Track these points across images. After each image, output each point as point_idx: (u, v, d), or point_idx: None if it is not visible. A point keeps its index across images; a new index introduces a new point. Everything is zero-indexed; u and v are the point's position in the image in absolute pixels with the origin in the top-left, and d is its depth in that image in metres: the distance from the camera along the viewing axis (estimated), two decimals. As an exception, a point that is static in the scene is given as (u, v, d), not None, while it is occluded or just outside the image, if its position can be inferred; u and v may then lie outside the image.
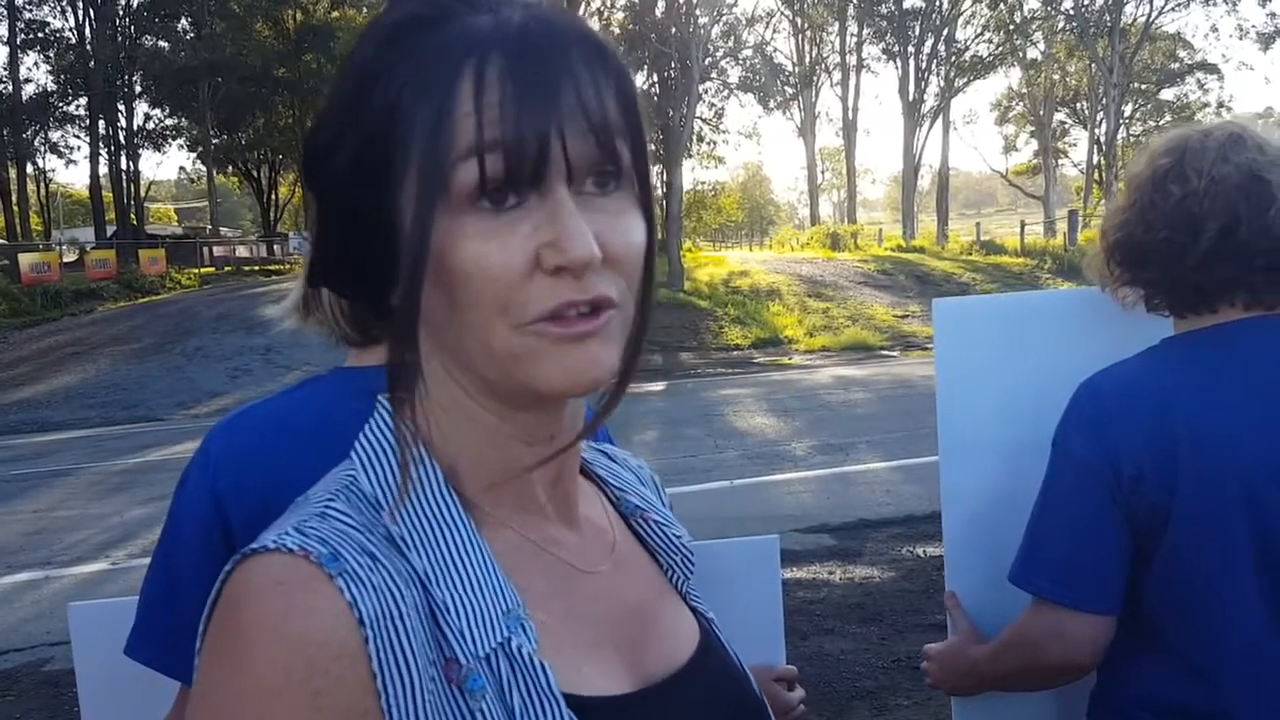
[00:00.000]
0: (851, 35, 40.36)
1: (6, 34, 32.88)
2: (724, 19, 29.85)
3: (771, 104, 37.20)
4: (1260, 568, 1.19)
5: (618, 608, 0.67)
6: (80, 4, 33.26)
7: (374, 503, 0.59)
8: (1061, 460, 1.27)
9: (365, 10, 33.43)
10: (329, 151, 0.59)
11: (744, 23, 33.73)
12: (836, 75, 41.39)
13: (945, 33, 37.62)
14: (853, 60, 40.61)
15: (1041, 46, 39.66)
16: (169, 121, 36.50)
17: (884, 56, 39.25)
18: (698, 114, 28.24)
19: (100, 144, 34.08)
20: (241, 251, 34.44)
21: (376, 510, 0.59)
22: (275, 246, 33.77)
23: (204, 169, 37.52)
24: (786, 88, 37.54)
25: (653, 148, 0.64)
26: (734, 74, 31.69)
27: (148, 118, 36.49)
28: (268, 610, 0.52)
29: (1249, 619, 1.21)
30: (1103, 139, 35.46)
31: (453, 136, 0.54)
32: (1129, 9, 34.90)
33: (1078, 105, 41.51)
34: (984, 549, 1.47)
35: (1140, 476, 1.20)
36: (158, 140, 36.80)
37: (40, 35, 34.08)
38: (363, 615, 0.53)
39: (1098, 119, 37.06)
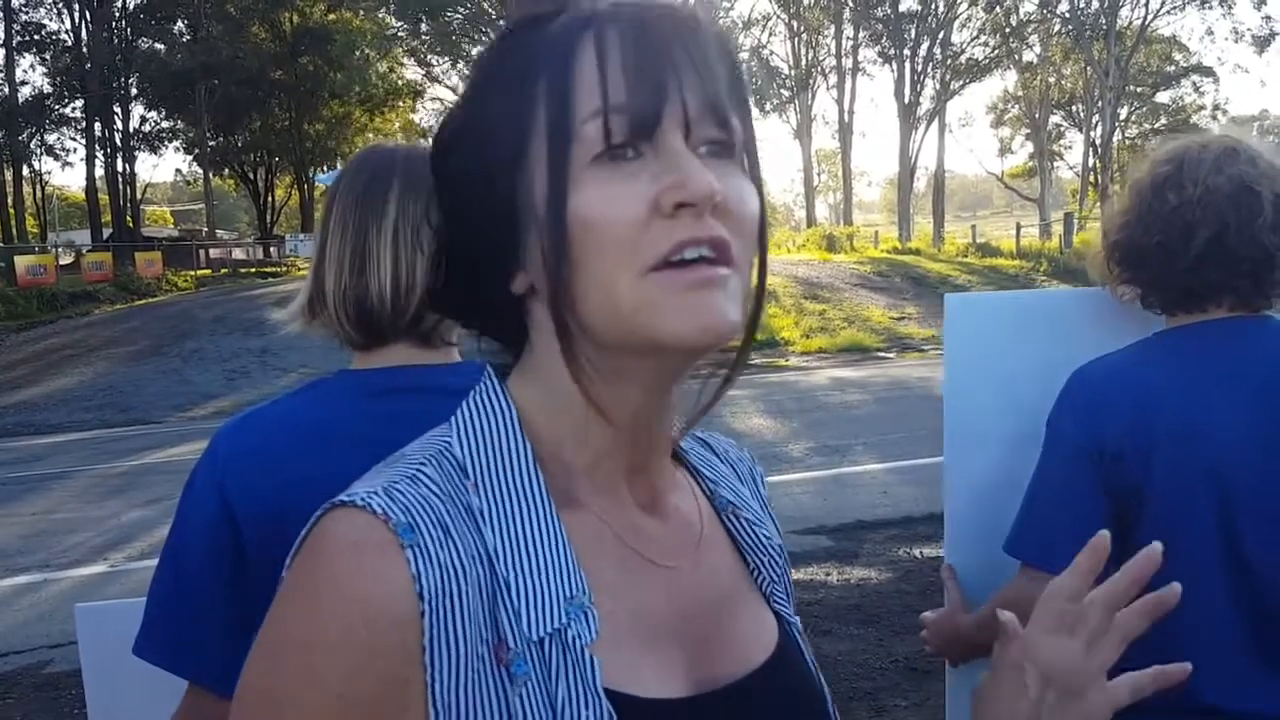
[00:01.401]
0: (847, 38, 40.39)
1: (3, 36, 32.83)
2: (721, 22, 29.85)
3: (768, 107, 37.26)
4: (1224, 553, 1.27)
5: (692, 605, 0.66)
6: (76, 6, 33.22)
7: (462, 469, 0.61)
8: (1053, 439, 1.37)
9: (361, 13, 33.43)
10: (449, 152, 0.62)
11: (740, 26, 33.78)
12: (832, 78, 41.43)
13: (941, 36, 37.65)
14: (849, 63, 40.66)
15: (1037, 49, 39.72)
16: (165, 124, 36.44)
17: (880, 59, 39.28)
18: (694, 116, 28.18)
19: (96, 146, 34.03)
20: (238, 254, 34.33)
21: (464, 478, 0.61)
22: (272, 249, 33.65)
23: (200, 171, 37.49)
24: (783, 90, 37.60)
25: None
26: (730, 76, 31.67)
27: (144, 120, 36.44)
28: (341, 568, 0.55)
29: (1212, 604, 1.28)
30: (1098, 142, 35.51)
31: (577, 99, 0.57)
32: (1125, 12, 35.01)
33: (1073, 108, 41.51)
34: (982, 529, 1.54)
35: (1121, 456, 1.29)
36: (154, 142, 36.73)
37: (36, 38, 34.04)
38: (424, 590, 0.55)
39: (1093, 122, 37.12)
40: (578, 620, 0.58)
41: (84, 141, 34.17)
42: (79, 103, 33.96)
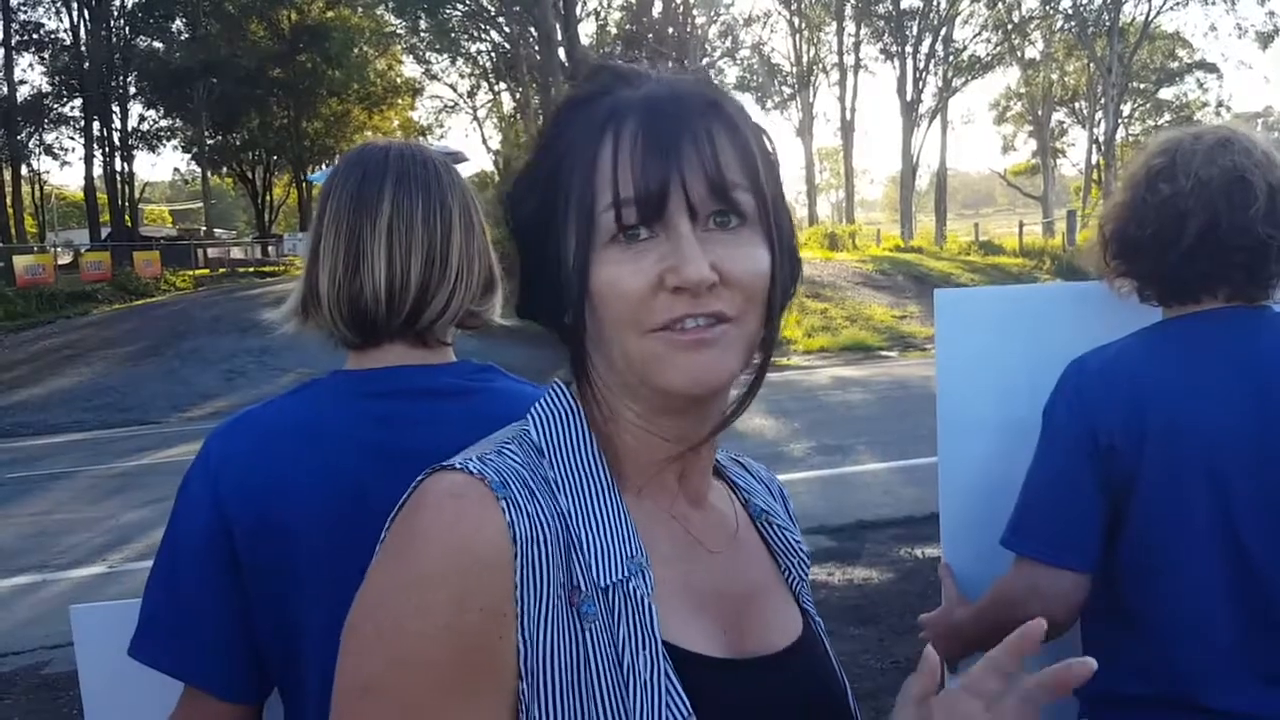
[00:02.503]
0: (849, 35, 40.37)
1: (1, 35, 32.81)
2: (721, 19, 29.88)
3: (769, 104, 37.31)
4: (1221, 543, 1.28)
5: (730, 586, 0.76)
6: (75, 5, 33.19)
7: (539, 450, 0.72)
8: (1048, 429, 1.38)
9: (360, 10, 33.40)
10: (517, 205, 0.74)
11: (741, 23, 33.84)
12: (834, 75, 41.41)
13: (943, 32, 37.64)
14: (850, 60, 40.64)
15: (1040, 46, 39.70)
16: (163, 122, 36.38)
17: (882, 56, 39.28)
18: (694, 114, 28.13)
19: (95, 145, 34.02)
20: (236, 253, 34.27)
21: (540, 456, 0.72)
22: (270, 248, 33.62)
23: (198, 170, 37.47)
24: (784, 88, 37.65)
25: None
26: (731, 74, 31.80)
27: (142, 119, 36.39)
28: (444, 515, 0.65)
29: (1210, 596, 1.28)
30: (1101, 138, 35.48)
31: (596, 191, 0.68)
32: (1128, 8, 34.99)
33: (1076, 105, 41.51)
34: (977, 522, 1.55)
35: (1113, 445, 1.30)
36: (152, 141, 36.66)
37: (35, 37, 34.00)
38: (516, 535, 0.65)
39: (1096, 118, 37.09)
40: (637, 576, 0.68)
41: (82, 140, 34.15)
42: (77, 102, 33.94)
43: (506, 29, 31.28)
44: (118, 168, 35.31)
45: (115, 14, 33.88)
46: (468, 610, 0.63)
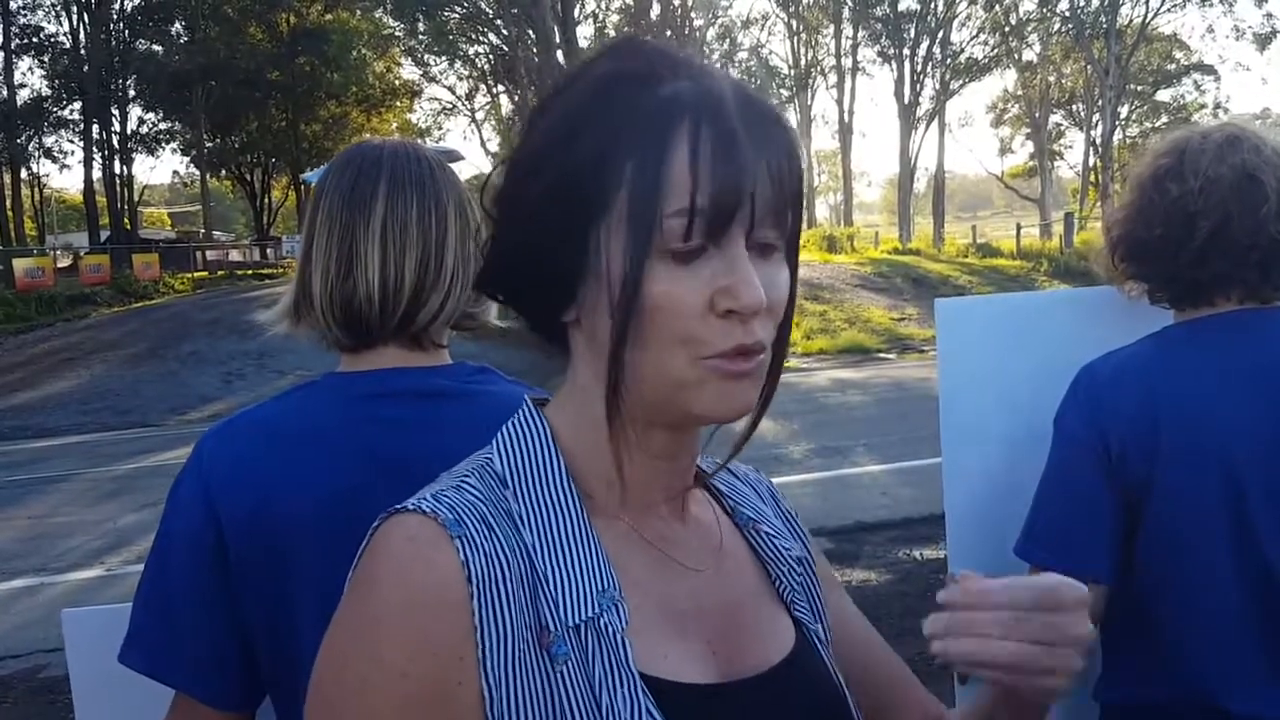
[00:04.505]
0: (847, 38, 40.42)
1: (1, 39, 32.83)
2: (719, 21, 29.89)
3: (767, 107, 37.19)
4: (1238, 548, 1.26)
5: (715, 605, 0.72)
6: (74, 9, 33.22)
7: (502, 481, 0.69)
8: (1059, 437, 1.36)
9: (358, 13, 33.42)
10: (526, 177, 0.66)
11: (739, 25, 33.85)
12: (832, 78, 41.49)
13: (940, 35, 37.67)
14: (848, 63, 40.70)
15: (1037, 48, 39.74)
16: (162, 125, 36.43)
17: (879, 59, 39.31)
18: (693, 117, 28.16)
19: (94, 149, 34.04)
20: (234, 255, 34.29)
21: (503, 488, 0.68)
22: (268, 250, 33.61)
23: (197, 173, 37.48)
24: (782, 90, 37.62)
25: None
26: (729, 77, 31.73)
27: (141, 122, 36.42)
28: (396, 559, 0.63)
29: (1226, 601, 1.27)
30: (1099, 141, 35.48)
31: (668, 193, 0.61)
32: (1125, 10, 34.95)
33: (1074, 107, 41.52)
34: (984, 533, 1.54)
35: (1125, 451, 1.28)
36: (151, 144, 36.71)
37: (34, 40, 34.04)
38: (471, 574, 0.62)
39: (1094, 121, 37.12)
40: (609, 611, 0.65)
41: (82, 144, 34.18)
42: (77, 105, 33.99)
43: (504, 31, 31.30)
44: (117, 171, 35.35)
45: (114, 17, 33.91)
46: (424, 656, 0.60)
